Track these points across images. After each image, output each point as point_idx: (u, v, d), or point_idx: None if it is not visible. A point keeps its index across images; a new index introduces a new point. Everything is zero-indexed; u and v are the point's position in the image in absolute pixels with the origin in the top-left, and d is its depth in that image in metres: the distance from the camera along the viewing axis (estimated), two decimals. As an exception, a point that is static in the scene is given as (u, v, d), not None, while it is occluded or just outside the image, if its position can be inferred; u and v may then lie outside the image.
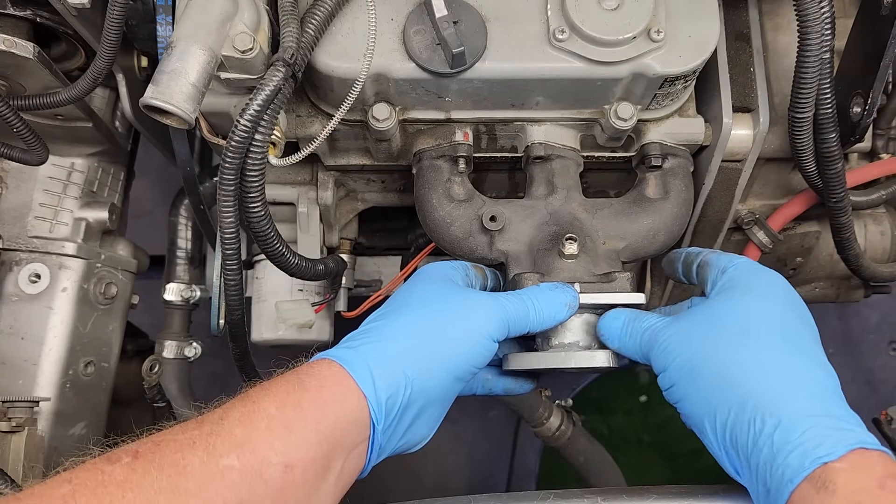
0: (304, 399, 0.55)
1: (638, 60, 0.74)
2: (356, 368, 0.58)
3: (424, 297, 0.66)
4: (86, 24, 0.80)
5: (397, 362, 0.59)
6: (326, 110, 0.80)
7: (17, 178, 1.03)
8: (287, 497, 0.52)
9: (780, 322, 0.60)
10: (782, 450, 0.52)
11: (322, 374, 0.57)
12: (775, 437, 0.53)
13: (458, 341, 0.62)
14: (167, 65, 0.62)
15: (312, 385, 0.56)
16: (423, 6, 0.72)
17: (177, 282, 1.14)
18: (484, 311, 0.64)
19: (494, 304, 0.65)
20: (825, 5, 0.70)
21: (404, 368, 0.59)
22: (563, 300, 0.68)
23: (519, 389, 0.76)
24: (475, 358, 0.63)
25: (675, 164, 0.84)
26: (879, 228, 1.10)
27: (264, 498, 0.50)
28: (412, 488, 1.81)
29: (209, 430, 0.51)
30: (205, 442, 0.50)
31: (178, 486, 0.47)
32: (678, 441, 1.80)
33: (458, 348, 0.62)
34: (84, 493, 0.46)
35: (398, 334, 0.62)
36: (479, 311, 0.64)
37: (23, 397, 0.92)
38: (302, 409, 0.54)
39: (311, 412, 0.54)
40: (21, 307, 0.99)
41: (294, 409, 0.54)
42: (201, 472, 0.49)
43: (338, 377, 0.57)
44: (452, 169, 0.81)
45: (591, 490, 0.65)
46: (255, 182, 0.67)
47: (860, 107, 0.84)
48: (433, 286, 0.67)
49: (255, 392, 0.55)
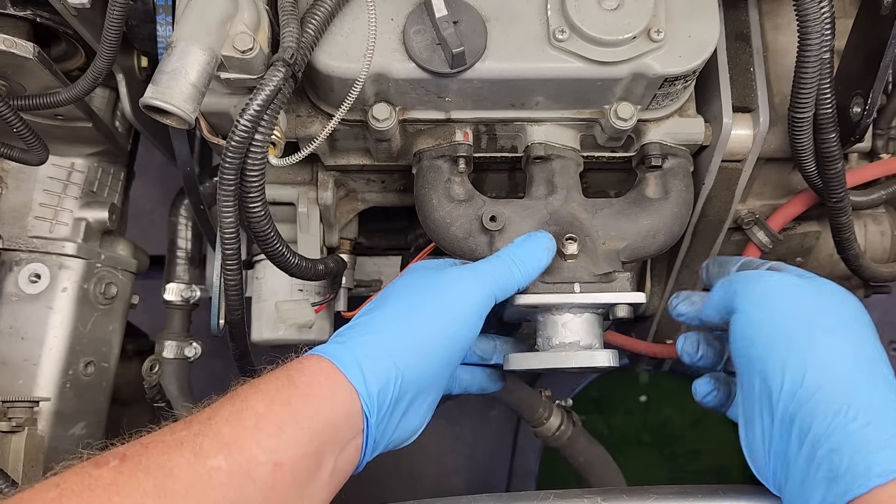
0: (293, 396, 0.54)
1: (638, 60, 0.74)
2: (345, 363, 0.58)
3: (406, 286, 0.67)
4: (86, 24, 0.80)
5: (386, 353, 0.60)
6: (326, 110, 0.81)
7: (17, 178, 1.02)
8: (278, 496, 0.51)
9: (874, 332, 0.59)
10: (870, 444, 0.51)
11: (311, 370, 0.57)
12: (868, 431, 0.51)
13: (441, 322, 0.62)
14: (167, 65, 0.62)
15: (302, 381, 0.56)
16: (423, 6, 0.72)
17: (177, 282, 1.14)
18: (462, 285, 0.64)
19: (472, 275, 0.65)
20: (825, 5, 0.70)
21: (394, 359, 0.59)
22: (540, 245, 0.68)
23: (492, 387, 0.77)
24: (462, 335, 0.63)
25: (675, 164, 0.84)
26: (879, 228, 1.09)
27: (254, 498, 0.50)
28: (412, 488, 1.81)
29: (197, 430, 0.51)
30: (192, 442, 0.50)
31: (164, 488, 0.47)
32: (678, 441, 1.80)
33: (441, 330, 0.62)
34: (71, 498, 0.45)
35: (384, 326, 0.62)
36: (456, 286, 0.64)
37: (23, 397, 0.92)
38: (291, 406, 0.54)
39: (301, 409, 0.54)
40: (21, 307, 0.99)
41: (283, 406, 0.54)
42: (188, 473, 0.48)
43: (327, 372, 0.57)
44: (452, 169, 0.81)
45: (591, 490, 0.65)
46: (254, 182, 0.67)
47: (860, 107, 0.84)
48: (414, 275, 0.68)
49: (244, 390, 0.55)
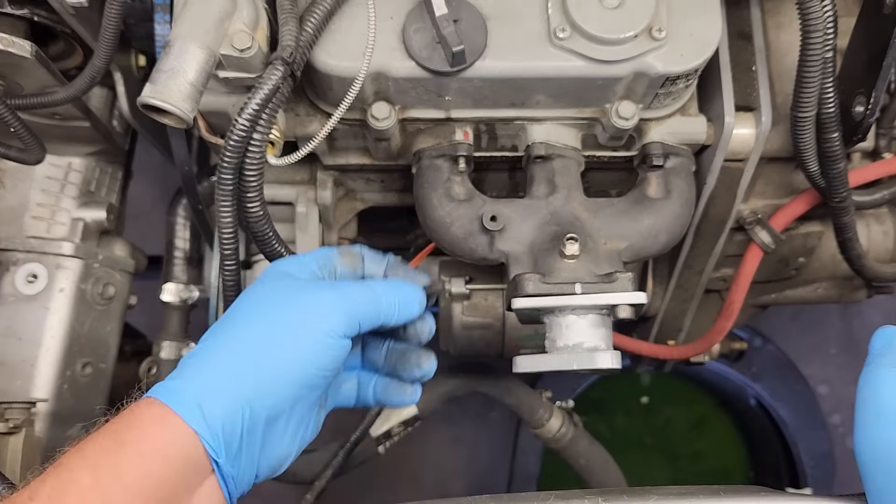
0: (122, 460, 0.49)
1: (639, 59, 0.73)
2: (181, 403, 0.52)
3: (255, 303, 0.59)
4: (83, 23, 0.79)
5: (229, 384, 0.54)
6: (325, 109, 0.80)
7: (14, 177, 1.02)
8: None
9: None
10: None
11: (142, 419, 0.52)
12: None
13: (294, 347, 0.56)
14: (165, 64, 0.62)
15: (131, 437, 0.51)
16: (423, 4, 0.71)
17: (175, 282, 1.14)
18: (323, 307, 0.58)
19: (338, 297, 0.59)
20: (827, 4, 0.70)
21: (239, 388, 0.54)
22: (415, 296, 0.64)
23: (403, 402, 0.70)
24: (320, 361, 0.57)
25: (677, 164, 0.84)
26: (882, 228, 1.09)
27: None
28: (412, 491, 1.81)
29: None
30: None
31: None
32: (679, 442, 1.80)
33: (295, 354, 0.56)
34: None
35: (228, 352, 0.56)
36: (315, 309, 0.57)
37: (20, 398, 0.91)
38: (120, 474, 0.49)
39: (131, 474, 0.49)
40: (18, 308, 0.99)
41: (111, 474, 0.49)
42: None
43: (158, 418, 0.52)
44: (452, 168, 0.81)
45: (592, 491, 0.65)
46: (253, 181, 0.67)
47: (863, 106, 0.84)
48: (266, 288, 0.60)
49: (68, 458, 0.50)
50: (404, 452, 1.87)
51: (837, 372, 1.87)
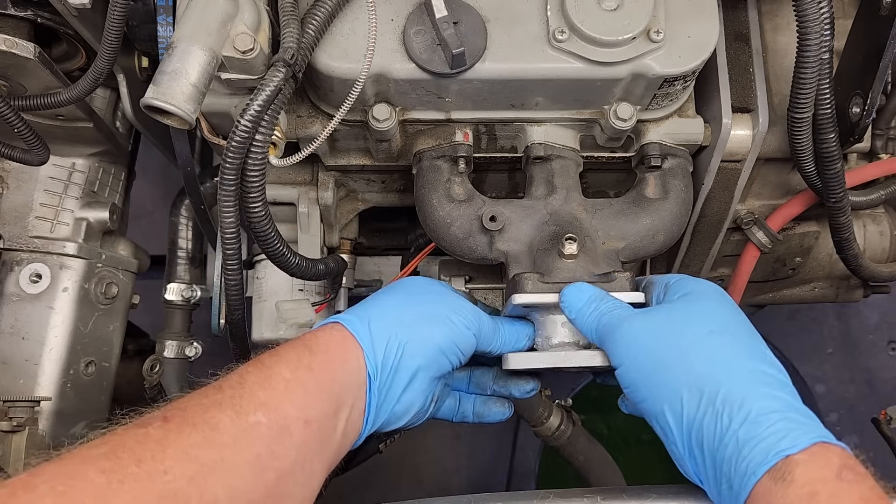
0: (314, 362, 0.61)
1: (637, 61, 0.74)
2: (357, 327, 0.65)
3: (419, 284, 0.74)
4: (86, 25, 0.80)
5: (392, 325, 0.66)
6: (327, 111, 0.81)
7: (18, 178, 1.03)
8: (308, 448, 0.58)
9: (738, 325, 0.63)
10: (747, 444, 0.54)
11: (326, 339, 0.64)
12: (740, 432, 0.54)
13: (447, 324, 0.68)
14: (168, 65, 0.62)
15: (319, 349, 0.63)
16: (423, 7, 0.72)
17: (177, 281, 1.14)
18: (465, 309, 0.70)
19: (474, 309, 0.71)
20: (824, 6, 0.70)
21: (398, 332, 0.66)
22: (525, 332, 0.75)
23: (497, 416, 0.80)
24: (460, 341, 0.68)
25: (675, 165, 0.84)
26: (878, 228, 1.10)
27: (290, 449, 0.56)
28: (412, 488, 1.81)
29: (231, 393, 0.56)
30: (230, 402, 0.55)
31: (212, 439, 0.52)
32: (678, 441, 1.80)
33: (447, 328, 0.68)
34: (124, 451, 0.48)
35: (396, 306, 0.69)
36: (459, 307, 0.70)
37: (24, 397, 0.92)
38: (313, 372, 0.60)
39: (321, 373, 0.61)
40: (22, 307, 1.00)
41: (306, 371, 0.60)
42: (233, 427, 0.53)
43: (339, 339, 0.64)
44: (452, 169, 0.81)
45: (591, 489, 0.65)
46: (255, 182, 0.68)
47: (859, 107, 0.84)
48: (425, 282, 0.75)
49: (267, 359, 0.61)
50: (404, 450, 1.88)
51: (834, 371, 1.88)
